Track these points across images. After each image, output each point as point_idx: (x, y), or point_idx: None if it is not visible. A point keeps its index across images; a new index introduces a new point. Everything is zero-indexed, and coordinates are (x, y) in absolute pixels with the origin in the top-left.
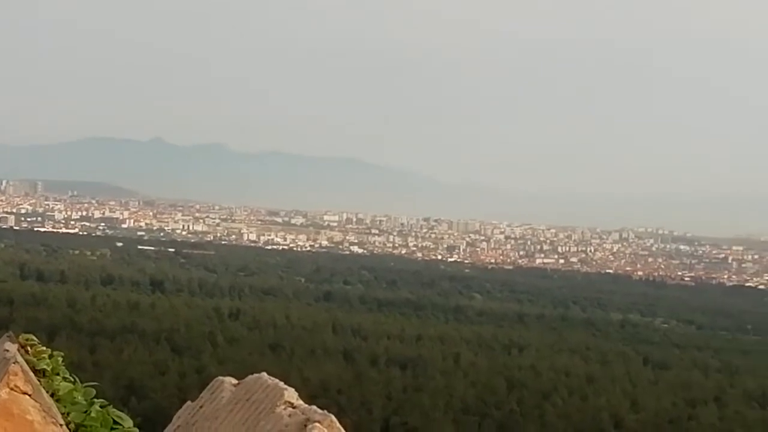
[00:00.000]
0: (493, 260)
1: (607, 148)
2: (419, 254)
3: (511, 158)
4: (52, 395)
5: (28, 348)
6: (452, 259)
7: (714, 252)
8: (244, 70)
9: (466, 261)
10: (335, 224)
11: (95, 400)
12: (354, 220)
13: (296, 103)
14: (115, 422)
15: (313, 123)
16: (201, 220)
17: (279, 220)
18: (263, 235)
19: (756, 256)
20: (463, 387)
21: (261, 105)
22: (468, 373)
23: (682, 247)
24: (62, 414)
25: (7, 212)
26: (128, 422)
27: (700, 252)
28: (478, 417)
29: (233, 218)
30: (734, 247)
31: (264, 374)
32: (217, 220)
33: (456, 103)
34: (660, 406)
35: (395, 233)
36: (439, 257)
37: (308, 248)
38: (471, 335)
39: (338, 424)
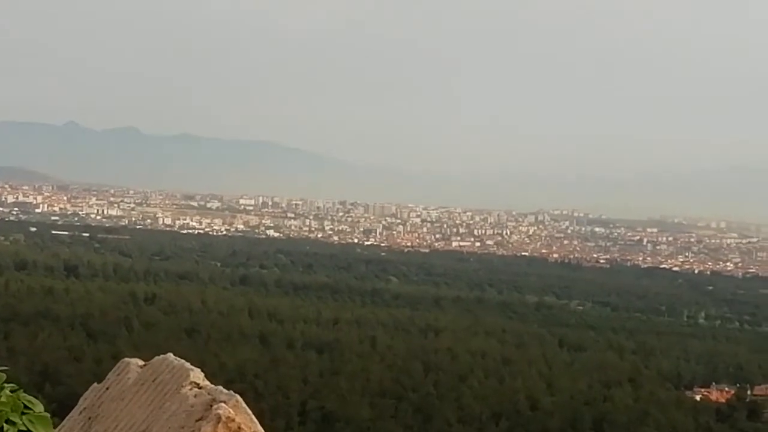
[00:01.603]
0: (409, 243)
1: (523, 130)
2: (335, 238)
3: (427, 141)
4: None
5: None
6: (368, 243)
7: (629, 234)
8: (156, 54)
9: (382, 244)
10: (251, 208)
11: (5, 385)
12: (270, 203)
13: (210, 87)
14: (25, 407)
15: (227, 107)
16: (115, 205)
17: (194, 204)
18: (178, 219)
19: (670, 238)
20: (379, 370)
21: (174, 88)
22: (384, 356)
23: (597, 229)
24: None
25: None
26: (39, 407)
27: (615, 234)
28: (394, 400)
29: (148, 202)
30: (649, 229)
31: (170, 355)
32: (132, 204)
33: (369, 87)
34: (576, 387)
35: (311, 217)
36: (356, 241)
37: (224, 232)
38: (387, 318)
39: (244, 404)
